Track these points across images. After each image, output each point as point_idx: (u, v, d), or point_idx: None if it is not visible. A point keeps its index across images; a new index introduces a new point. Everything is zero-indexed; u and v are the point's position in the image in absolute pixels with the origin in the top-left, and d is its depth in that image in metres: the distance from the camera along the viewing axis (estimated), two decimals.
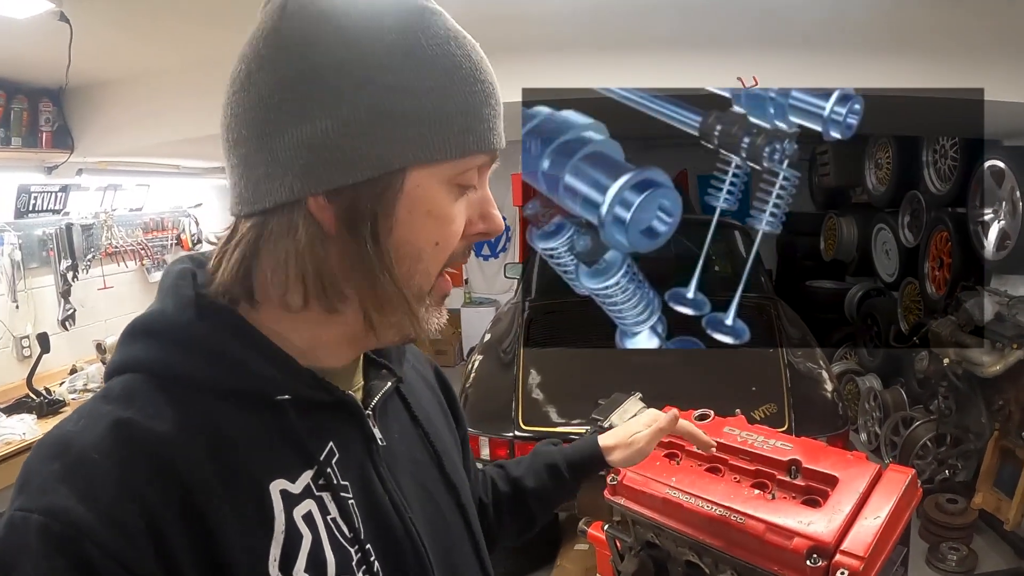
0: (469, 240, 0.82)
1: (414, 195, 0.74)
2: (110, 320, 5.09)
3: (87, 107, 3.94)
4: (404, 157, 0.73)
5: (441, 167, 0.75)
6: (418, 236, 0.76)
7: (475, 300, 8.70)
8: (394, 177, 0.73)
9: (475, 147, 0.76)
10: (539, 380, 3.73)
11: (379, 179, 0.72)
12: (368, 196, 0.73)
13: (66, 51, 2.95)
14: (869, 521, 1.53)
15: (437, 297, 0.82)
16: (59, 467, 0.66)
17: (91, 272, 4.89)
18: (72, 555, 0.62)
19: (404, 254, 0.76)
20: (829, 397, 3.61)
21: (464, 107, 0.75)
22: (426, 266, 0.78)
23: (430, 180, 0.75)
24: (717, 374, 3.44)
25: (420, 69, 0.72)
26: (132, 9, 2.79)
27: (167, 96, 3.71)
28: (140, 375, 0.75)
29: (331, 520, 0.77)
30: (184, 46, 3.33)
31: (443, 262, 0.80)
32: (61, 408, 4.00)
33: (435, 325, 0.82)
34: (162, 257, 5.63)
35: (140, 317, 0.81)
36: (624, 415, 2.25)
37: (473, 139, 0.76)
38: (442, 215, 0.77)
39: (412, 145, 0.72)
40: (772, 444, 1.79)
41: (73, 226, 4.65)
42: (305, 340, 0.81)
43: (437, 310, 0.83)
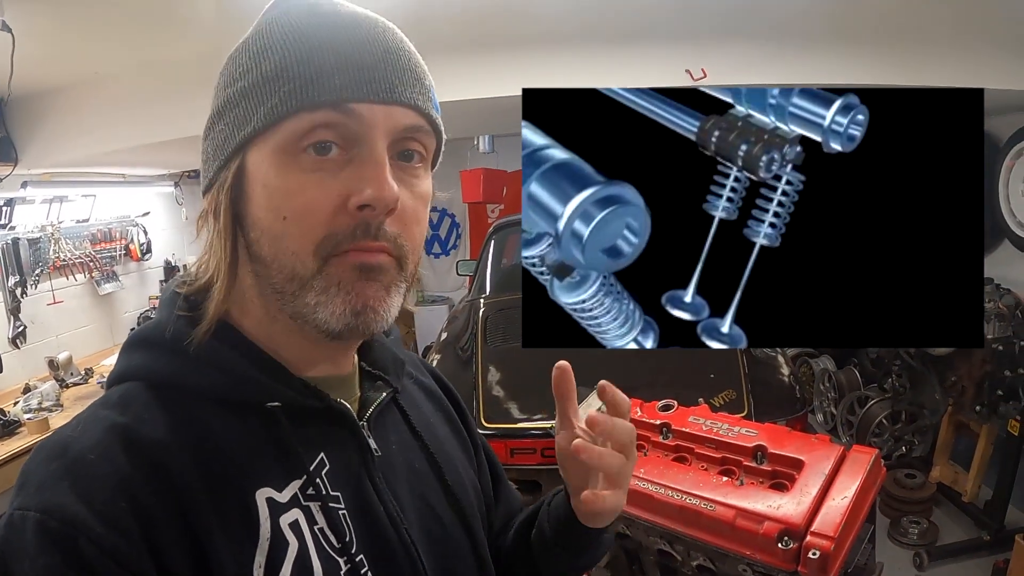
0: (357, 216, 0.73)
1: (253, 172, 0.75)
2: (61, 335, 4.99)
3: (31, 117, 3.84)
4: (234, 138, 0.75)
5: (269, 137, 0.74)
6: (260, 211, 0.75)
7: (428, 299, 8.67)
8: (234, 159, 0.76)
9: (295, 105, 0.72)
10: (498, 377, 3.73)
11: (226, 165, 0.77)
12: (222, 183, 0.77)
13: (7, 61, 2.88)
14: (837, 502, 1.57)
15: (330, 280, 0.74)
16: (57, 467, 0.68)
17: (40, 287, 4.77)
18: (68, 551, 0.63)
19: (259, 233, 0.75)
20: (786, 381, 3.66)
21: (292, 71, 0.73)
22: (289, 246, 0.74)
23: (262, 153, 0.74)
24: (676, 364, 3.47)
25: (254, 55, 0.76)
26: (75, 15, 2.73)
27: (113, 102, 3.62)
28: (137, 384, 0.77)
29: (318, 530, 0.77)
30: (129, 51, 3.25)
31: (313, 240, 0.73)
32: (17, 429, 3.89)
33: (335, 312, 0.75)
34: (111, 268, 5.52)
35: (139, 329, 0.85)
36: (588, 409, 2.26)
37: (293, 98, 0.72)
38: (276, 185, 0.73)
39: (238, 124, 0.75)
40: (737, 431, 1.82)
41: (20, 240, 4.54)
42: (291, 348, 0.82)
43: (341, 295, 0.75)
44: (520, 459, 3.33)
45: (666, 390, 2.23)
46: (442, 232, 8.74)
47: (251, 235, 0.76)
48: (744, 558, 1.59)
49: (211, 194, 0.78)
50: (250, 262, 0.78)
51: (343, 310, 0.75)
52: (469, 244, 8.63)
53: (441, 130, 0.83)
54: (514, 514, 1.19)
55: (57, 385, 4.42)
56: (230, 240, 0.77)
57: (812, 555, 1.47)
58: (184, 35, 0.65)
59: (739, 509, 1.61)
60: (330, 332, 0.76)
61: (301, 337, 0.80)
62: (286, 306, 0.76)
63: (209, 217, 0.79)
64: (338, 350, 0.87)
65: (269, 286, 0.77)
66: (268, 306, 0.79)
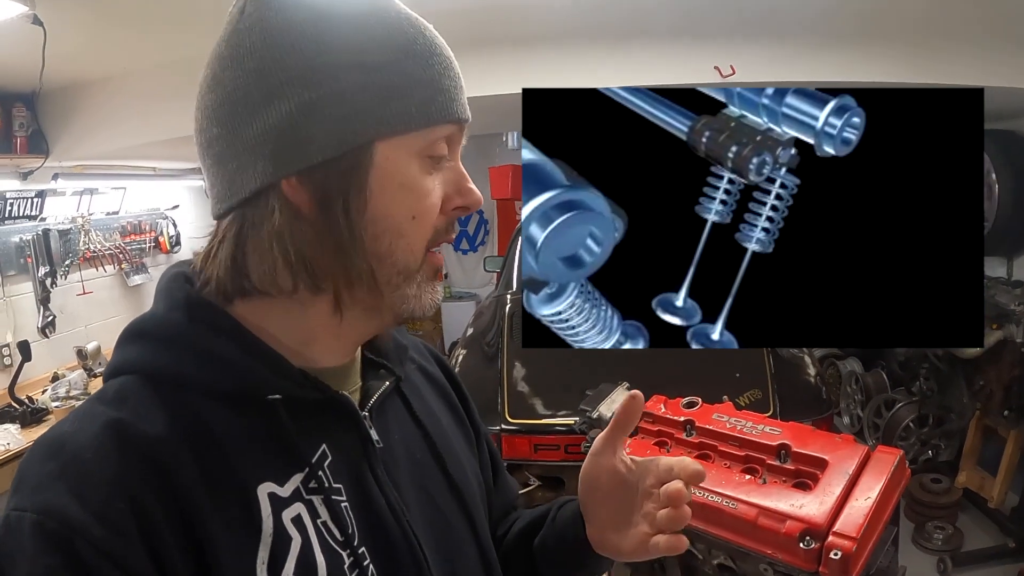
0: (450, 216, 0.82)
1: (385, 169, 0.75)
2: (90, 326, 5.04)
3: (62, 110, 3.89)
4: (368, 132, 0.74)
5: (408, 139, 0.76)
6: (393, 210, 0.77)
7: (455, 295, 8.69)
8: (362, 152, 0.74)
9: (439, 116, 0.77)
10: (524, 372, 3.72)
11: (346, 155, 0.74)
12: (337, 173, 0.74)
13: (39, 55, 2.91)
14: (860, 502, 1.55)
15: (429, 272, 0.82)
16: (53, 467, 0.67)
17: (70, 278, 4.82)
18: (65, 553, 0.63)
19: (382, 229, 0.76)
20: (812, 382, 3.64)
21: (423, 79, 0.76)
22: (408, 242, 0.78)
23: (399, 152, 0.76)
24: (701, 362, 3.45)
25: (375, 47, 0.75)
26: (106, 11, 2.76)
27: (143, 97, 3.66)
28: (134, 377, 0.76)
29: (321, 524, 0.77)
30: (159, 46, 3.29)
31: (426, 237, 0.80)
32: (45, 416, 3.96)
33: (429, 302, 0.83)
34: (140, 260, 5.58)
35: (135, 321, 0.82)
36: (612, 405, 2.26)
37: (435, 109, 0.77)
38: (415, 187, 0.78)
39: (375, 119, 0.74)
40: (761, 429, 1.81)
41: (50, 232, 4.59)
42: (296, 337, 0.81)
43: (430, 286, 0.83)
44: (544, 455, 3.34)
45: (691, 388, 2.21)
46: (470, 228, 8.75)
47: (370, 229, 0.76)
48: (765, 557, 1.58)
49: (318, 177, 0.74)
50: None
51: (431, 301, 0.83)
52: (497, 240, 8.62)
53: None
54: (510, 505, 1.20)
55: (85, 374, 4.47)
56: (339, 228, 0.76)
57: (834, 556, 1.46)
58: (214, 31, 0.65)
59: (761, 508, 1.60)
60: (414, 318, 0.85)
61: (313, 322, 0.81)
62: (383, 298, 0.80)
63: (320, 202, 0.75)
64: (351, 337, 0.87)
65: (369, 279, 0.78)
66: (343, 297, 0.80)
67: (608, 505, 0.94)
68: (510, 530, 1.14)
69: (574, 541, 0.98)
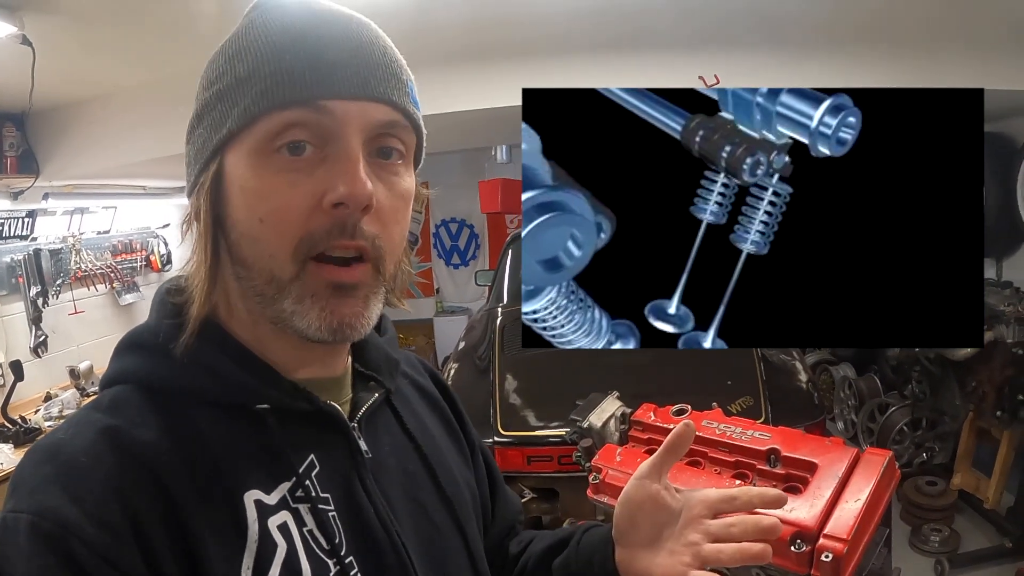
0: (333, 215, 0.73)
1: (231, 174, 0.76)
2: (83, 345, 5.03)
3: (52, 130, 3.90)
4: (214, 142, 0.76)
5: (245, 137, 0.74)
6: (241, 214, 0.75)
7: (447, 309, 8.72)
8: (212, 162, 0.76)
9: (277, 101, 0.72)
10: (516, 385, 3.74)
11: (205, 168, 0.77)
12: (203, 187, 0.77)
13: (29, 75, 2.92)
14: (850, 504, 1.55)
15: (313, 287, 0.75)
16: (49, 470, 0.68)
17: (61, 297, 4.83)
18: (60, 552, 0.63)
19: (238, 236, 0.76)
20: (804, 388, 3.65)
21: (267, 72, 0.73)
22: (264, 247, 0.74)
23: (238, 155, 0.75)
24: (692, 369, 3.46)
25: (229, 58, 0.76)
26: (95, 31, 2.77)
27: (133, 116, 3.67)
28: (129, 386, 0.78)
29: (307, 532, 0.77)
30: (148, 66, 3.30)
31: (290, 242, 0.73)
32: (37, 436, 3.94)
33: (322, 322, 0.75)
34: (132, 279, 5.58)
35: (130, 332, 0.84)
36: (602, 415, 2.26)
37: (274, 95, 0.72)
38: (251, 187, 0.74)
39: (218, 127, 0.75)
40: (750, 435, 1.81)
41: (41, 251, 4.60)
42: (279, 350, 0.82)
43: (323, 303, 0.75)
44: (537, 466, 3.34)
45: (682, 396, 2.22)
46: (461, 243, 8.78)
47: (231, 238, 0.77)
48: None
49: (192, 198, 0.79)
50: (232, 265, 0.79)
51: (319, 324, 0.75)
52: (488, 254, 8.65)
53: (420, 125, 0.82)
54: (513, 519, 1.19)
55: (78, 394, 4.47)
56: (210, 243, 0.77)
57: (825, 558, 1.46)
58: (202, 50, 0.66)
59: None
60: (309, 339, 0.77)
61: (286, 339, 0.80)
62: (266, 309, 0.77)
63: (192, 220, 0.78)
64: (328, 352, 0.87)
65: (250, 288, 0.77)
66: (251, 309, 0.80)
67: (644, 527, 0.93)
68: (526, 550, 1.13)
69: (601, 564, 0.97)
